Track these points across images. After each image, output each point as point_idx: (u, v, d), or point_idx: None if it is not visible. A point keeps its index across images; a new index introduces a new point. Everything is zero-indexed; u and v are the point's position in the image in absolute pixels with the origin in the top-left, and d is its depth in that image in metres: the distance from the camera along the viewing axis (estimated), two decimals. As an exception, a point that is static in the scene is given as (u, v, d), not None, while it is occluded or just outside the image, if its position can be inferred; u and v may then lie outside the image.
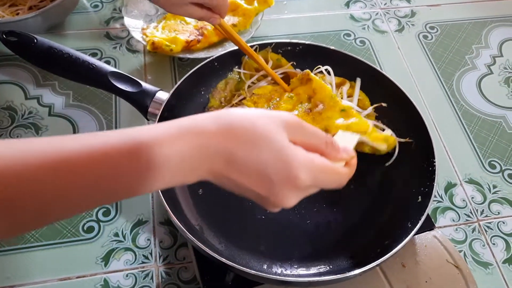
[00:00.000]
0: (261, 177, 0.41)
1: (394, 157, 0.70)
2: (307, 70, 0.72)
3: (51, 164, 0.34)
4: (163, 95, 0.69)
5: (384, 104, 0.72)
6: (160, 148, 0.38)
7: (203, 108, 0.74)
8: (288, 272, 0.60)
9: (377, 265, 0.57)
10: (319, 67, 0.76)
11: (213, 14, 0.70)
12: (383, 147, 0.69)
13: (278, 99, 0.72)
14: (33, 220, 0.36)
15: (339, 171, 0.47)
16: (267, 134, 0.41)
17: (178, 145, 0.39)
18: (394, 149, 0.70)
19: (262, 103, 0.71)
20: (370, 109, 0.73)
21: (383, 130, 0.71)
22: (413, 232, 0.58)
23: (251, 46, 0.76)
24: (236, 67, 0.77)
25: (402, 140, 0.70)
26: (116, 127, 0.79)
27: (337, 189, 0.47)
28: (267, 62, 0.76)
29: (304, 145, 0.44)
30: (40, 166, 0.34)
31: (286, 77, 0.76)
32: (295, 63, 0.78)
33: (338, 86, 0.75)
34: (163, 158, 0.38)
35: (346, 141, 0.53)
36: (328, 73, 0.75)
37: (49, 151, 0.35)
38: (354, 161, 0.49)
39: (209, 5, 0.68)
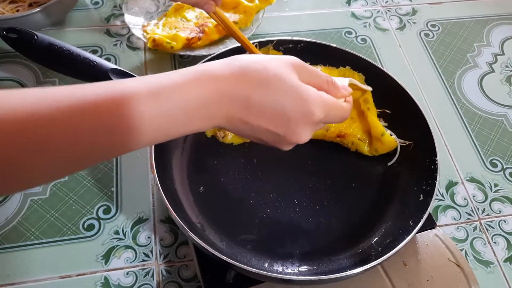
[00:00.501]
0: (278, 116, 0.43)
1: (395, 158, 0.69)
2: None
3: (71, 109, 0.34)
4: (164, 93, 0.69)
5: (387, 111, 0.73)
6: (179, 95, 0.39)
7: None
8: (289, 270, 0.60)
9: (378, 264, 0.56)
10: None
11: (209, 0, 0.69)
12: (382, 148, 0.69)
13: None
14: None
15: (343, 106, 0.50)
16: (280, 75, 0.43)
17: (196, 90, 0.40)
18: (396, 149, 0.70)
19: None
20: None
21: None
22: (414, 231, 0.58)
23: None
24: None
25: (402, 142, 0.70)
26: (116, 125, 0.79)
27: (341, 122, 0.52)
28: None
29: (310, 84, 0.46)
30: (62, 111, 0.34)
31: None
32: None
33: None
34: (182, 104, 0.39)
35: (340, 82, 0.58)
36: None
37: (64, 99, 0.35)
38: (351, 98, 0.53)
39: None
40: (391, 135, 0.70)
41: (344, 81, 0.58)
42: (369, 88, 0.70)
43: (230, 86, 0.41)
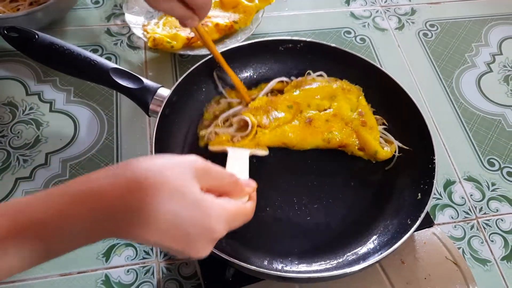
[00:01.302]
0: (177, 232, 0.40)
1: (393, 162, 0.70)
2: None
3: None
4: (164, 92, 0.70)
5: (384, 121, 0.74)
6: (56, 223, 0.37)
7: (202, 108, 0.74)
8: (288, 268, 0.60)
9: (376, 262, 0.57)
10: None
11: (194, 15, 0.67)
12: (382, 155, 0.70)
13: (276, 112, 0.70)
14: None
15: (247, 209, 0.48)
16: (181, 188, 0.40)
17: (73, 216, 0.37)
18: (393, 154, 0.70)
19: (261, 115, 0.69)
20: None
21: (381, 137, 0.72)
22: (412, 229, 0.58)
23: (250, 45, 0.77)
24: (224, 90, 0.76)
25: (401, 147, 0.71)
26: (117, 124, 0.79)
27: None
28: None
29: (212, 188, 0.44)
30: None
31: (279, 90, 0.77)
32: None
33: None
34: (61, 232, 0.37)
35: (239, 158, 0.60)
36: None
37: None
38: (255, 194, 0.51)
39: (193, 4, 0.65)
40: (390, 141, 0.71)
41: (244, 154, 0.61)
42: (265, 153, 0.69)
43: (118, 202, 0.38)
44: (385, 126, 0.73)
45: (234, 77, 0.74)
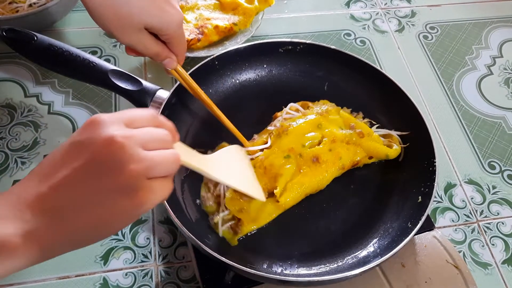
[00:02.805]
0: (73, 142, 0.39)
1: (402, 155, 0.70)
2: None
3: None
4: (163, 94, 0.69)
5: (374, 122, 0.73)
6: None
7: (203, 109, 0.74)
8: (288, 271, 0.60)
9: (377, 265, 0.57)
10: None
11: (170, 53, 0.62)
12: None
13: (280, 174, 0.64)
14: None
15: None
16: None
17: None
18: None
19: (268, 183, 0.64)
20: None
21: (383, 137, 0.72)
22: (413, 233, 0.58)
23: (250, 47, 0.76)
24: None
25: (400, 135, 0.71)
26: (115, 126, 0.79)
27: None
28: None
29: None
30: None
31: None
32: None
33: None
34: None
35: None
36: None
37: None
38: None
39: (165, 37, 0.60)
40: (388, 135, 0.71)
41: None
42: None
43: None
44: (375, 124, 0.73)
45: (228, 124, 0.69)
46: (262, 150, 0.67)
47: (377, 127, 0.72)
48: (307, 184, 0.65)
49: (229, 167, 0.59)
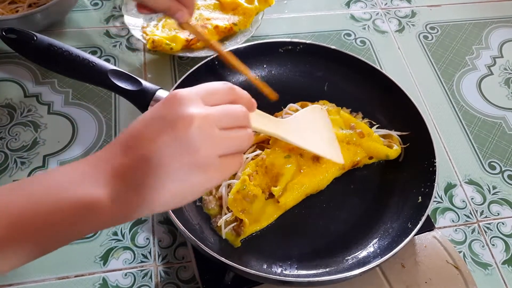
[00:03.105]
0: (157, 116, 0.41)
1: (402, 156, 0.70)
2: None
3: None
4: (163, 94, 0.69)
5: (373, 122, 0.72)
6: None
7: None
8: (287, 272, 0.60)
9: (377, 266, 0.57)
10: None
11: (181, 6, 0.63)
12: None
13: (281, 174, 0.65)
14: None
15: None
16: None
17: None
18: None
19: (267, 183, 0.64)
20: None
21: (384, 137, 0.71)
22: (413, 233, 0.58)
23: (249, 47, 0.76)
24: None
25: (400, 134, 0.71)
26: (115, 126, 0.79)
27: None
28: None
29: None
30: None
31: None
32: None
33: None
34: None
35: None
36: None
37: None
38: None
39: None
40: (388, 136, 0.71)
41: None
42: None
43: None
44: (375, 125, 0.73)
45: (248, 74, 0.72)
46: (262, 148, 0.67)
47: (377, 127, 0.72)
48: (308, 184, 0.65)
49: (307, 129, 0.59)
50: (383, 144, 0.70)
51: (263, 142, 0.69)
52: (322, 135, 0.62)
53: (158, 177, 0.39)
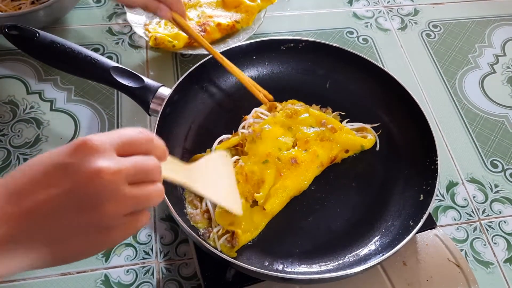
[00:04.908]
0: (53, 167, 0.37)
1: (378, 145, 0.71)
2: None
3: None
4: (165, 91, 0.69)
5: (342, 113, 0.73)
6: None
7: (204, 106, 0.74)
8: (289, 269, 0.60)
9: (378, 263, 0.57)
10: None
11: (160, 4, 0.62)
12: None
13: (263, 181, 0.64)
14: None
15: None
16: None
17: None
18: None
19: (251, 191, 0.63)
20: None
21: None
22: (414, 231, 0.58)
23: (252, 44, 0.77)
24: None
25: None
26: (117, 123, 0.79)
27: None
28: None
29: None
30: None
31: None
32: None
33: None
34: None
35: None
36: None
37: None
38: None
39: None
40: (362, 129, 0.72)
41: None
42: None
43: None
44: (346, 118, 0.73)
45: (239, 75, 0.73)
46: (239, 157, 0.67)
47: (347, 122, 0.73)
48: (291, 187, 0.64)
49: (211, 177, 0.57)
50: (356, 136, 0.70)
51: (237, 146, 0.69)
52: (223, 184, 0.60)
53: (48, 234, 0.36)
